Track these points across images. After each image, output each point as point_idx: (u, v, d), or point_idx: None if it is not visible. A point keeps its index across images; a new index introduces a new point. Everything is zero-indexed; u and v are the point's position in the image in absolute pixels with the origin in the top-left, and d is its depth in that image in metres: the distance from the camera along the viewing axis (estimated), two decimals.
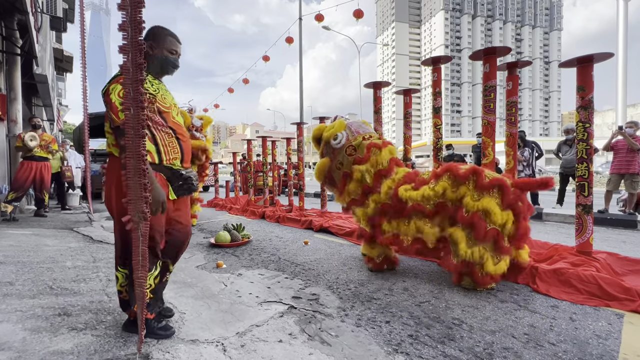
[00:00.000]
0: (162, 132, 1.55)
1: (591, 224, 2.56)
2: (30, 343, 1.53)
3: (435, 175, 2.44)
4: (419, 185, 2.46)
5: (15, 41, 5.81)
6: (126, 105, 1.21)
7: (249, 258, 3.24)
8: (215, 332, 1.72)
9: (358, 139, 2.75)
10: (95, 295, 2.16)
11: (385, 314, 1.95)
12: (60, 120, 13.46)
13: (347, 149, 2.75)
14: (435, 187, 2.35)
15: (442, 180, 2.37)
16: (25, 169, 5.28)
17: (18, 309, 1.88)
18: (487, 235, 2.14)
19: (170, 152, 1.58)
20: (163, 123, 1.56)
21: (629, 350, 1.55)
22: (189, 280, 2.57)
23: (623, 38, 18.62)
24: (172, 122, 1.60)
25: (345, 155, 2.76)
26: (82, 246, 3.59)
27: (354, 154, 2.72)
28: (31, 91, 8.41)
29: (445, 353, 1.53)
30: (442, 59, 3.31)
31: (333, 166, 2.84)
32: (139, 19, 1.18)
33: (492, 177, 2.26)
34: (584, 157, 2.58)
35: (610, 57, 2.48)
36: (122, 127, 1.31)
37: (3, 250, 3.15)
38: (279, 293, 2.29)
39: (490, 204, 2.15)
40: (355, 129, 2.82)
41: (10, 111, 5.81)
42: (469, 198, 2.22)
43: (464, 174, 2.28)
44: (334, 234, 4.28)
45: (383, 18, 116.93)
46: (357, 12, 10.30)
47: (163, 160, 1.55)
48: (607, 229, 4.69)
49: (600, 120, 31.71)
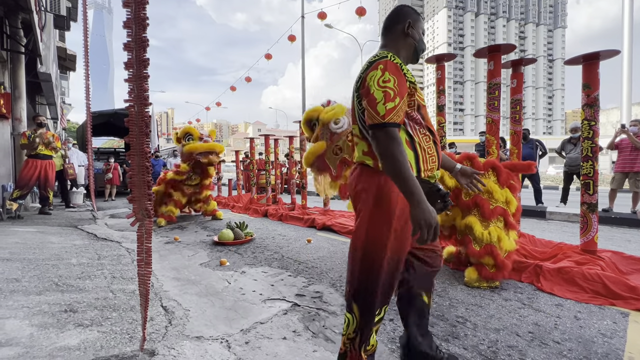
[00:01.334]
0: (420, 133, 1.20)
1: (596, 223, 2.55)
2: (37, 339, 1.54)
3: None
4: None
5: (20, 40, 5.83)
6: (130, 102, 1.22)
7: (252, 256, 3.25)
8: (219, 329, 1.73)
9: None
10: (101, 292, 2.18)
11: (388, 311, 1.95)
12: (64, 118, 13.53)
13: (349, 135, 2.71)
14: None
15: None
16: (29, 167, 5.32)
17: (25, 305, 1.90)
18: (493, 213, 2.31)
19: (429, 161, 1.21)
20: (421, 122, 1.21)
21: (634, 349, 1.54)
22: (193, 278, 2.58)
23: (628, 35, 18.44)
24: (428, 121, 1.25)
25: (346, 141, 2.70)
26: (87, 244, 3.61)
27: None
28: (35, 90, 8.46)
29: (450, 351, 1.53)
30: (446, 56, 3.29)
31: (329, 151, 2.73)
32: (143, 16, 1.19)
33: (485, 160, 2.49)
34: (589, 155, 2.56)
35: (616, 55, 2.46)
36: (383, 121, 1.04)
37: (9, 247, 3.18)
38: (283, 291, 2.29)
39: (489, 183, 2.35)
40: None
41: (14, 109, 5.84)
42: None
43: (459, 160, 2.48)
44: (337, 232, 4.29)
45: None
46: (359, 9, 10.26)
47: (421, 170, 1.18)
48: (612, 227, 4.66)
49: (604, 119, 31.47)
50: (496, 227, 2.31)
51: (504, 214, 2.33)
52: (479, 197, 2.33)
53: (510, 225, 2.36)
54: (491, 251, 2.27)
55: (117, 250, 3.36)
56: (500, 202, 2.34)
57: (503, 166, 2.46)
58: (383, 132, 1.05)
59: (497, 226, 2.31)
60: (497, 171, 2.41)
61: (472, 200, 2.35)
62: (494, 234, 2.28)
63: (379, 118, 1.06)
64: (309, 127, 2.88)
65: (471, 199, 2.36)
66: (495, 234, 2.28)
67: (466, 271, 2.39)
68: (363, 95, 1.13)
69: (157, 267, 2.84)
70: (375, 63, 1.12)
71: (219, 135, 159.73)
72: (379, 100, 1.07)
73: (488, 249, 2.28)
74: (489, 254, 2.27)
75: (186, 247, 3.67)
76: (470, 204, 2.38)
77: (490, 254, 2.27)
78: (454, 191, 2.44)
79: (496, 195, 2.34)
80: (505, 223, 2.35)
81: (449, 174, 2.46)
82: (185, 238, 4.15)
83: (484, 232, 2.30)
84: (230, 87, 18.02)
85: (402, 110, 1.10)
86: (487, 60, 2.93)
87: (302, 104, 14.51)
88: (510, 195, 2.38)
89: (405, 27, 1.24)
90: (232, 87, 18.00)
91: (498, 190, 2.35)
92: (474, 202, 2.35)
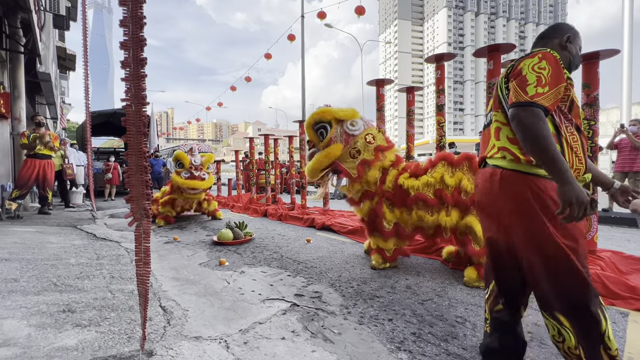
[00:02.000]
0: (568, 131, 1.14)
1: (595, 222, 2.55)
2: (35, 339, 1.54)
3: (431, 163, 2.64)
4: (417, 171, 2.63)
5: (19, 39, 5.82)
6: (127, 101, 1.21)
7: (252, 256, 3.25)
8: (218, 329, 1.72)
9: (373, 130, 2.80)
10: (99, 292, 2.17)
11: (388, 311, 1.94)
12: (64, 118, 13.52)
13: (367, 136, 2.70)
14: (433, 174, 2.54)
15: (439, 167, 2.57)
16: (28, 167, 5.31)
17: (23, 306, 1.89)
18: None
19: (575, 161, 1.13)
20: (571, 119, 1.15)
21: (633, 349, 1.54)
22: (192, 278, 2.58)
23: (628, 35, 18.43)
24: (579, 121, 1.18)
25: (365, 143, 2.68)
26: (86, 243, 3.60)
27: (373, 143, 2.70)
28: (35, 89, 8.45)
29: (449, 351, 1.52)
30: (446, 56, 3.29)
31: (345, 154, 2.67)
32: (140, 15, 1.18)
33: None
34: (589, 155, 2.55)
35: (616, 54, 2.46)
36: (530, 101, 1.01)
37: (8, 247, 3.17)
38: (282, 291, 2.29)
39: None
40: (366, 120, 2.85)
41: (14, 109, 5.83)
42: (466, 181, 2.39)
43: (458, 160, 2.51)
44: (337, 232, 4.28)
45: (385, 15, 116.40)
46: (358, 8, 10.26)
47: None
48: (612, 227, 4.65)
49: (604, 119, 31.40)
50: None
51: None
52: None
53: None
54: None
55: (116, 250, 3.35)
56: None
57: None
58: (528, 111, 1.02)
59: None
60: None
61: (470, 200, 2.35)
62: None
63: (526, 97, 1.03)
64: (315, 130, 2.76)
65: (469, 199, 2.35)
66: None
67: (465, 271, 2.38)
68: (513, 77, 1.10)
69: (156, 267, 2.83)
70: (533, 53, 1.10)
71: (219, 135, 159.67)
72: (530, 82, 1.04)
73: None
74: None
75: (185, 247, 3.67)
76: (468, 204, 2.37)
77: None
78: (453, 190, 2.43)
79: None
80: None
81: (448, 173, 2.49)
82: (185, 238, 4.14)
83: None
84: (231, 87, 18.02)
85: (552, 99, 1.05)
86: (487, 59, 2.93)
87: (302, 103, 14.50)
88: None
89: (564, 40, 1.25)
90: (233, 87, 18.01)
91: None
92: (472, 202, 2.34)
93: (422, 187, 2.53)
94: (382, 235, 2.70)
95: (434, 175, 2.53)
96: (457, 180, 2.44)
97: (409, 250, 2.91)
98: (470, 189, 2.35)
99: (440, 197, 2.47)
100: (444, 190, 2.46)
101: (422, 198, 2.51)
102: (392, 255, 2.72)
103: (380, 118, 3.98)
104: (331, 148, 2.66)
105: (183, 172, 4.81)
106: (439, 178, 2.50)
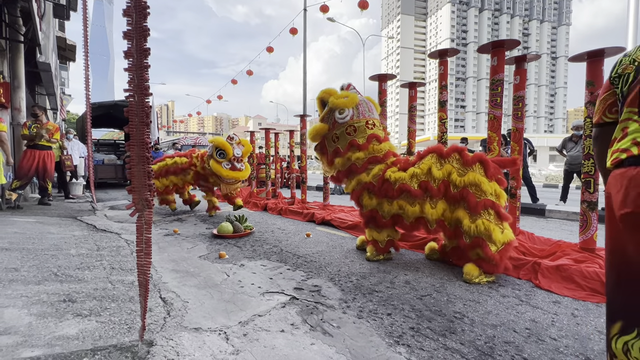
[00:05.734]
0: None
1: (596, 221, 2.55)
2: (36, 328, 1.55)
3: (420, 156, 2.67)
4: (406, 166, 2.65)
5: (19, 28, 5.77)
6: (130, 91, 1.21)
7: (251, 249, 3.26)
8: (218, 321, 1.73)
9: (362, 121, 2.80)
10: (100, 282, 2.18)
11: (387, 306, 1.96)
12: (64, 109, 13.46)
13: (348, 127, 2.80)
14: (421, 165, 2.56)
15: (427, 159, 2.58)
16: (28, 158, 5.30)
17: (24, 295, 1.90)
18: (479, 206, 2.29)
19: None
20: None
21: None
22: (191, 270, 2.59)
23: (632, 33, 18.31)
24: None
25: (344, 132, 2.81)
26: (86, 234, 3.61)
27: (352, 135, 2.79)
28: (34, 80, 8.39)
29: (447, 346, 1.53)
30: (450, 51, 3.26)
31: (329, 135, 2.89)
32: (144, 4, 1.17)
33: (474, 154, 2.49)
34: (591, 154, 2.55)
35: (621, 52, 2.43)
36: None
37: (8, 237, 3.18)
38: (281, 284, 2.30)
39: (476, 176, 2.34)
40: (362, 110, 2.86)
41: (14, 99, 5.80)
42: (455, 174, 2.40)
43: (447, 152, 2.51)
44: (336, 226, 4.29)
45: (388, 10, 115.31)
46: (362, 3, 10.16)
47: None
48: None
49: None
50: (485, 219, 2.29)
51: (494, 206, 2.31)
52: (465, 190, 2.33)
53: (502, 216, 2.34)
54: (479, 244, 2.28)
55: (116, 242, 3.36)
56: (488, 194, 2.32)
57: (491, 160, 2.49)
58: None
59: (487, 219, 2.29)
60: (485, 165, 2.40)
61: (459, 194, 2.36)
62: (482, 226, 2.27)
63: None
64: (323, 106, 2.98)
65: (458, 192, 2.36)
66: (483, 227, 2.26)
67: (465, 267, 2.39)
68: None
69: (156, 259, 2.84)
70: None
71: (219, 128, 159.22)
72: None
73: (477, 241, 2.29)
74: (478, 246, 2.29)
75: (185, 239, 3.68)
76: (457, 197, 2.38)
77: (479, 247, 2.28)
78: (440, 183, 2.45)
79: (484, 187, 2.32)
80: (497, 215, 2.32)
81: (436, 165, 2.49)
82: (185, 230, 4.15)
83: (472, 225, 2.29)
84: (232, 80, 17.92)
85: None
86: (491, 55, 2.91)
87: (303, 98, 14.44)
88: (499, 188, 2.37)
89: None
90: (234, 80, 17.91)
91: (486, 182, 2.33)
92: (461, 195, 2.36)
93: (407, 178, 2.55)
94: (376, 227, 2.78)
95: (421, 166, 2.55)
96: (445, 173, 2.45)
97: (400, 245, 2.98)
98: (459, 183, 2.36)
99: (425, 189, 2.48)
100: (430, 182, 2.46)
101: (406, 188, 2.52)
102: (385, 247, 2.79)
103: (381, 114, 3.95)
104: (320, 125, 2.91)
105: (224, 163, 4.67)
106: (425, 170, 2.52)
